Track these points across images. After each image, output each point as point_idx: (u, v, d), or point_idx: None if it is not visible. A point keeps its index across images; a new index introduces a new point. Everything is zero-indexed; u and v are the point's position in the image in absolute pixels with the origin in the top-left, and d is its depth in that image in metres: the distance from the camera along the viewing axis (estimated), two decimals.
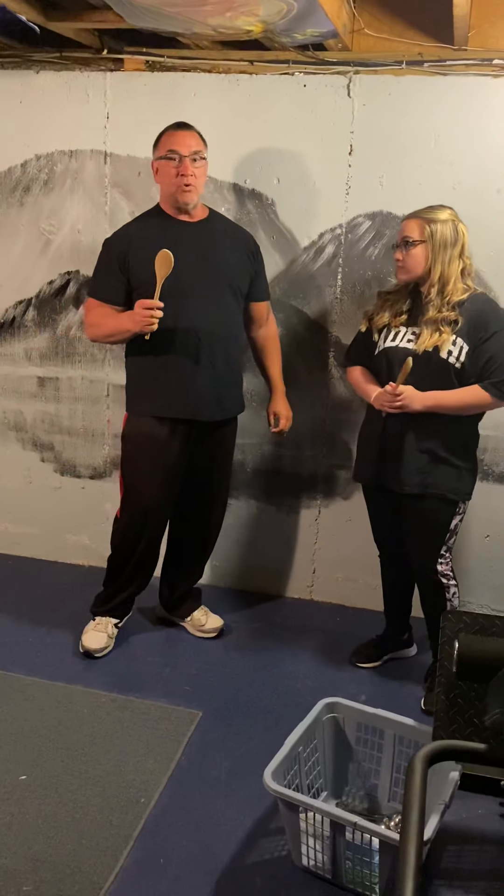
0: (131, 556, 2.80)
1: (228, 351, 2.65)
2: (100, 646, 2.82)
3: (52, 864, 1.95)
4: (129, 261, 2.53)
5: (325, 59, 2.77)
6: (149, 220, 2.61)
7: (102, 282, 2.62)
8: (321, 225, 2.95)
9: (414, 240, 2.39)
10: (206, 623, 3.03)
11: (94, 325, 2.63)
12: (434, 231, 2.37)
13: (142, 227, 2.60)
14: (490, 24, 2.63)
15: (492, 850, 2.09)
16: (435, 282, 2.40)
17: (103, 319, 2.59)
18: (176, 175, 2.47)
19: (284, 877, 1.97)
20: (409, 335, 2.47)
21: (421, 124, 2.75)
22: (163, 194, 2.58)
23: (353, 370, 2.66)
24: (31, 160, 3.15)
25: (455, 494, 2.52)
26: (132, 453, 2.71)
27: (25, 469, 3.52)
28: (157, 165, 2.53)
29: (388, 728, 2.14)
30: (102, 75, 2.99)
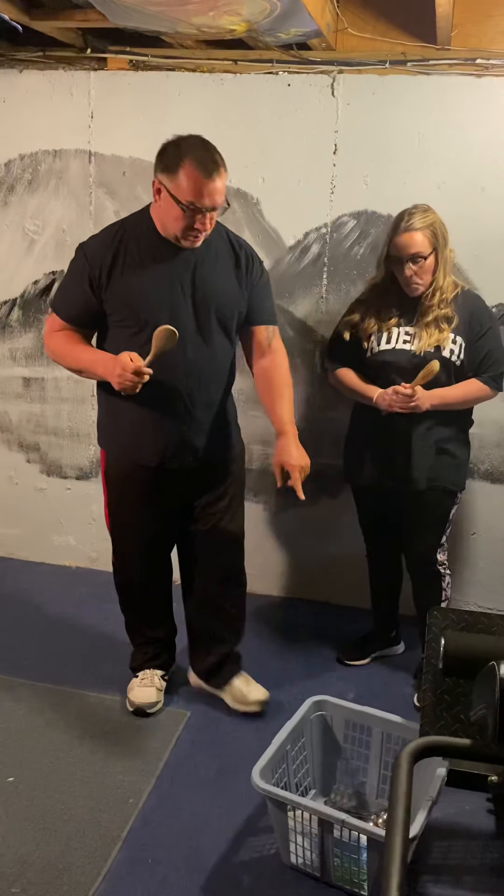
0: (138, 601, 2.58)
1: (212, 393, 2.31)
2: (150, 700, 2.51)
3: (40, 865, 1.95)
4: (106, 280, 2.16)
5: (309, 58, 2.78)
6: (138, 235, 2.18)
7: (70, 298, 2.23)
8: (306, 224, 2.95)
9: (426, 253, 2.37)
10: (247, 694, 2.54)
11: (57, 353, 2.26)
12: (437, 238, 2.37)
13: (129, 242, 2.17)
14: (473, 24, 2.64)
15: (479, 845, 2.11)
16: (439, 285, 2.41)
17: (69, 347, 2.23)
18: (189, 227, 2.07)
19: (273, 875, 1.97)
20: (403, 336, 2.47)
21: (405, 124, 2.76)
22: (157, 217, 2.15)
23: (340, 371, 2.63)
24: (14, 160, 3.13)
25: (456, 486, 2.58)
26: (111, 493, 2.44)
27: (11, 470, 3.50)
28: (166, 199, 2.05)
29: (375, 725, 2.15)
30: (86, 74, 2.98)
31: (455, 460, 2.56)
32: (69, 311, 2.23)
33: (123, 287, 2.16)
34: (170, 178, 2.02)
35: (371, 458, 2.60)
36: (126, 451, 2.33)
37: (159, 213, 2.13)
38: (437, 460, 2.52)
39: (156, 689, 2.55)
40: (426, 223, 2.36)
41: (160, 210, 2.11)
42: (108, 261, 2.15)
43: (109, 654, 2.84)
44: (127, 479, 2.36)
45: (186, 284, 2.18)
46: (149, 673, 2.58)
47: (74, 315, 2.23)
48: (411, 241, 2.36)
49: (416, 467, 2.51)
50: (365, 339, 2.54)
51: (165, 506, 2.41)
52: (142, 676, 2.58)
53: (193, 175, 1.99)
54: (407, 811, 1.06)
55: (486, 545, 3.09)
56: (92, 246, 2.20)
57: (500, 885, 1.98)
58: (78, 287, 2.19)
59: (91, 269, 2.15)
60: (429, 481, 2.52)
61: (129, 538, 2.46)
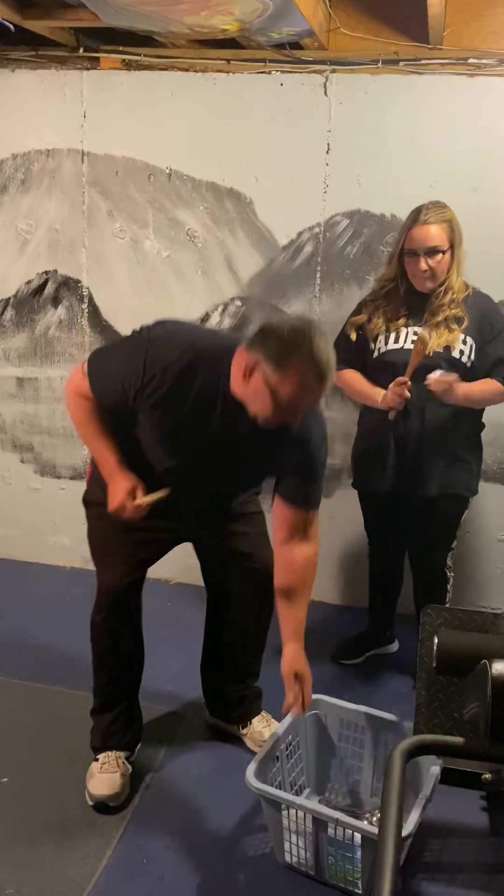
0: (105, 659, 2.24)
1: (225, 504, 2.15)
2: (113, 790, 2.12)
3: (34, 866, 1.94)
4: (149, 398, 1.83)
5: (302, 57, 2.78)
6: (207, 375, 1.82)
7: (108, 386, 1.88)
8: (299, 224, 2.95)
9: (443, 248, 2.33)
10: (267, 736, 2.21)
11: (76, 420, 1.98)
12: (454, 235, 2.34)
13: (195, 375, 1.82)
14: (465, 24, 2.65)
15: (473, 843, 2.11)
16: (452, 285, 2.37)
17: (90, 427, 1.96)
18: (278, 417, 1.75)
19: (267, 874, 1.97)
20: (411, 335, 2.42)
21: (397, 123, 2.77)
22: (240, 388, 1.79)
23: (346, 373, 2.55)
24: (7, 159, 3.13)
25: (469, 491, 2.56)
26: (93, 525, 2.17)
27: (5, 470, 3.50)
28: (259, 383, 1.71)
29: (369, 724, 2.15)
30: (79, 74, 2.97)
31: (467, 465, 2.52)
32: (101, 397, 1.91)
33: (162, 420, 1.87)
34: (272, 367, 1.68)
35: (381, 463, 2.52)
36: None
37: (243, 383, 1.76)
38: (449, 465, 2.47)
39: (120, 776, 2.16)
40: (444, 218, 2.33)
41: (246, 384, 1.76)
42: (164, 381, 1.80)
43: None
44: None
45: (229, 448, 1.89)
46: (112, 755, 2.20)
47: (108, 397, 1.90)
48: (429, 234, 2.32)
49: (427, 473, 2.46)
50: (372, 339, 2.49)
51: (161, 545, 2.20)
52: (103, 760, 2.19)
53: (303, 377, 1.68)
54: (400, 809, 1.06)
55: (479, 544, 3.09)
56: (157, 352, 1.82)
57: (495, 882, 1.98)
58: (119, 381, 1.85)
59: (142, 377, 1.81)
60: (441, 487, 2.48)
61: (110, 575, 2.17)
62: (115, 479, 1.93)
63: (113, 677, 2.25)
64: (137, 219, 3.07)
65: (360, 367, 2.54)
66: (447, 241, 2.33)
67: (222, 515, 2.19)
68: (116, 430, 1.97)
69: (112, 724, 2.24)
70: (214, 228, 3.02)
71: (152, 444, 1.95)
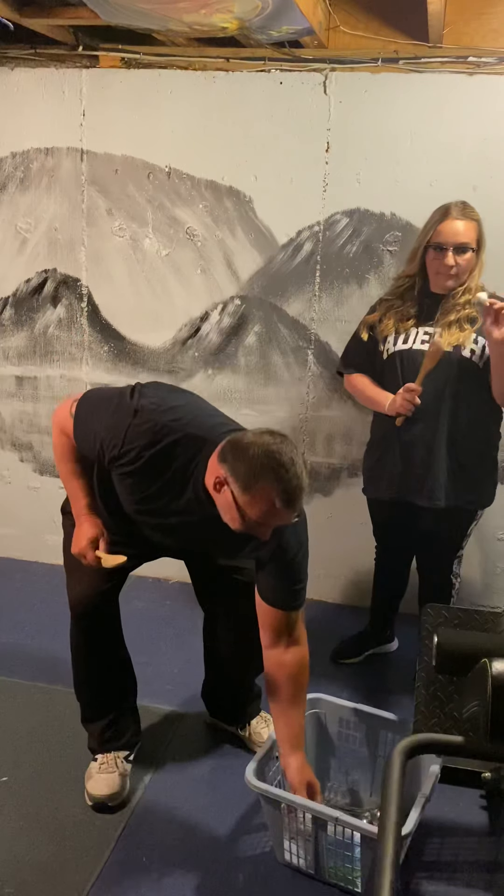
0: (84, 667, 2.23)
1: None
2: (112, 790, 2.12)
3: (33, 865, 1.94)
4: (124, 474, 1.84)
5: (302, 56, 2.77)
6: (183, 466, 1.80)
7: (89, 438, 1.88)
8: (299, 222, 2.95)
9: (472, 246, 2.28)
10: (266, 736, 2.22)
11: (57, 455, 2.03)
12: (480, 236, 2.30)
13: (170, 461, 1.80)
14: (464, 22, 2.64)
15: (473, 842, 2.11)
16: (470, 286, 2.32)
17: (68, 465, 2.01)
18: (247, 530, 1.73)
19: (267, 873, 1.97)
20: (422, 336, 2.37)
21: (397, 121, 2.76)
22: (216, 498, 1.75)
23: (355, 377, 2.54)
24: (6, 158, 3.12)
25: (478, 505, 2.50)
26: (69, 534, 2.13)
27: (4, 469, 3.49)
28: (228, 499, 1.69)
29: (369, 723, 2.15)
30: (78, 72, 2.97)
31: (479, 479, 2.46)
32: (80, 445, 1.93)
33: (132, 488, 1.87)
34: (241, 490, 1.66)
35: (389, 471, 2.49)
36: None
37: (215, 492, 1.74)
38: (458, 477, 2.41)
39: (119, 776, 2.15)
40: (474, 217, 2.30)
41: (217, 493, 1.73)
42: (139, 458, 1.78)
43: None
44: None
45: (199, 527, 1.87)
46: (110, 756, 2.19)
47: (83, 452, 1.95)
48: (459, 230, 2.27)
49: (435, 483, 2.40)
50: (381, 339, 2.45)
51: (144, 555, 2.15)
52: (101, 760, 2.18)
53: (271, 503, 1.65)
54: (400, 808, 1.06)
55: (480, 543, 3.09)
56: (138, 428, 1.79)
57: (494, 881, 1.98)
58: (98, 441, 1.84)
59: (119, 447, 1.80)
60: (448, 499, 2.41)
61: (80, 587, 2.19)
62: (82, 523, 1.98)
63: (95, 690, 2.23)
64: (137, 217, 3.06)
65: (369, 370, 2.51)
66: (475, 240, 2.29)
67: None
68: (93, 469, 2.00)
69: (105, 731, 2.23)
70: (214, 227, 3.02)
71: (125, 496, 1.93)
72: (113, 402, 1.86)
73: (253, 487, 1.64)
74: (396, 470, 2.47)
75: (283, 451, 1.65)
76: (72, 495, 2.02)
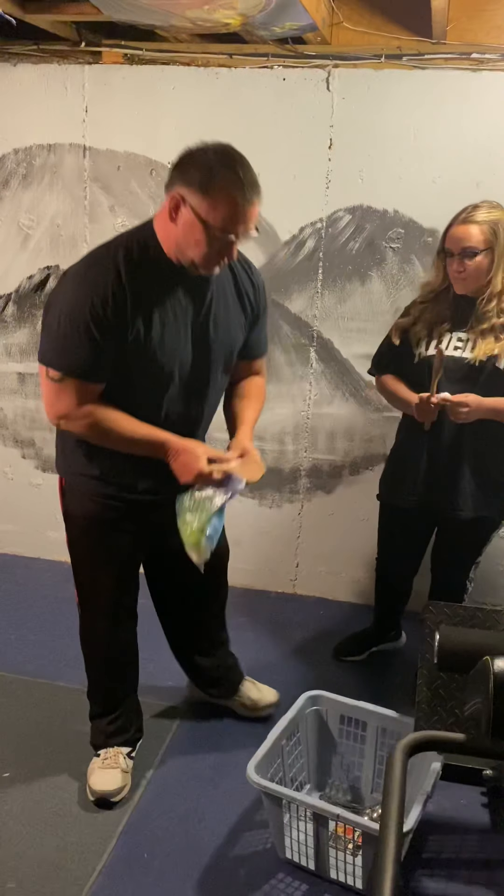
0: (110, 665, 2.25)
1: (204, 432, 2.08)
2: (115, 786, 2.14)
3: (35, 860, 1.95)
4: (125, 327, 1.75)
5: (304, 52, 2.77)
6: (141, 260, 1.77)
7: (87, 354, 1.75)
8: (302, 219, 2.95)
9: (479, 249, 2.21)
10: (258, 698, 2.46)
11: (97, 432, 1.84)
12: (497, 234, 2.22)
13: (131, 270, 1.75)
14: (468, 18, 2.63)
15: (474, 839, 2.11)
16: (496, 290, 2.25)
17: (113, 425, 1.82)
18: (214, 252, 1.72)
19: (268, 869, 1.98)
20: (455, 342, 2.32)
21: (400, 118, 2.76)
22: (171, 238, 1.75)
23: (385, 378, 2.50)
24: (9, 154, 3.12)
25: (503, 515, 2.46)
26: (79, 540, 2.12)
27: (6, 465, 3.50)
28: (189, 218, 1.68)
29: (370, 720, 2.15)
30: (80, 68, 2.96)
31: (503, 486, 2.40)
32: (82, 365, 1.76)
33: (132, 330, 1.76)
34: (199, 196, 1.65)
35: (412, 477, 2.44)
36: (103, 487, 1.98)
37: (172, 232, 1.73)
38: (484, 486, 2.36)
39: (121, 772, 2.17)
40: (487, 219, 2.22)
41: (174, 230, 1.72)
42: (115, 301, 1.72)
43: None
44: (99, 520, 2.04)
45: (198, 327, 1.86)
46: (112, 752, 2.21)
47: (88, 369, 1.77)
48: (465, 234, 2.21)
49: (459, 492, 2.36)
50: (414, 343, 2.38)
51: (147, 539, 2.13)
52: (104, 756, 2.20)
53: (233, 198, 1.65)
54: (401, 805, 1.06)
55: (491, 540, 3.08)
56: (89, 279, 1.74)
57: (495, 878, 1.98)
58: (89, 334, 1.73)
59: (101, 311, 1.71)
60: (474, 510, 2.37)
61: (101, 590, 2.15)
62: (181, 449, 1.84)
63: (113, 685, 2.26)
64: (139, 214, 3.06)
65: (399, 373, 2.46)
66: (485, 242, 2.21)
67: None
68: (117, 405, 1.85)
69: (111, 724, 2.25)
70: None
71: (148, 377, 1.84)
72: (53, 327, 1.76)
73: (213, 186, 1.64)
74: (420, 477, 2.43)
75: (233, 149, 1.70)
76: (147, 438, 1.84)
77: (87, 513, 2.03)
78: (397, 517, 2.62)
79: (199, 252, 1.72)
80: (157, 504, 1.97)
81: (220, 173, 1.65)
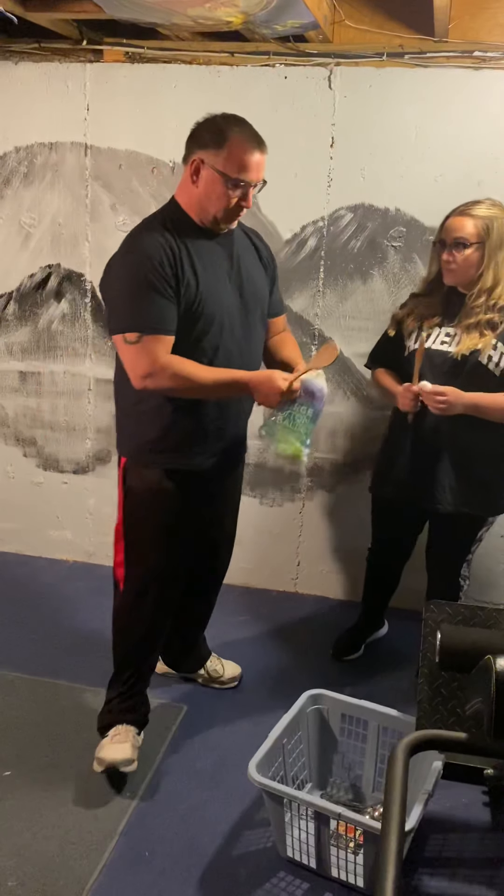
0: (145, 642, 2.32)
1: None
2: (125, 755, 2.17)
3: (37, 859, 1.95)
4: (180, 279, 1.95)
5: (306, 50, 2.76)
6: (179, 227, 2.00)
7: (157, 308, 1.93)
8: (303, 217, 2.94)
9: (470, 241, 2.23)
10: (223, 672, 2.66)
11: (179, 384, 1.96)
12: (490, 231, 2.23)
13: (176, 240, 1.97)
14: (470, 16, 2.63)
15: (475, 838, 2.11)
16: (486, 287, 2.26)
17: (193, 373, 1.96)
18: (232, 204, 1.96)
19: (269, 868, 1.98)
20: (442, 336, 2.35)
21: (402, 116, 2.75)
22: (194, 201, 2.00)
23: (377, 371, 2.54)
24: (10, 152, 3.12)
25: (486, 511, 2.46)
26: (138, 513, 2.18)
27: (7, 464, 3.50)
28: (209, 176, 1.94)
29: (371, 719, 2.15)
30: (82, 67, 2.96)
31: (490, 485, 2.41)
32: (162, 319, 1.94)
33: (185, 282, 1.96)
34: (216, 152, 1.92)
35: (397, 470, 2.48)
36: (175, 458, 2.11)
37: (196, 195, 1.98)
38: (466, 482, 2.38)
39: (131, 745, 2.20)
40: (482, 214, 2.24)
41: (197, 192, 1.97)
42: (173, 258, 1.94)
43: (105, 649, 2.82)
44: (162, 492, 2.14)
45: (234, 278, 2.09)
46: (122, 728, 2.25)
47: (167, 322, 1.95)
48: (459, 225, 2.24)
49: (441, 487, 2.38)
50: (406, 336, 2.42)
51: (193, 514, 2.23)
52: (113, 732, 2.24)
53: (243, 147, 1.92)
54: (402, 804, 1.06)
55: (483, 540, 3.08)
56: (150, 246, 1.95)
57: (496, 877, 1.98)
58: (159, 290, 1.92)
59: (168, 269, 1.93)
60: (455, 505, 2.39)
61: (156, 562, 2.21)
62: (261, 378, 2.01)
63: (141, 666, 2.32)
64: (141, 212, 3.04)
65: (394, 365, 2.48)
66: (477, 236, 2.23)
67: (241, 449, 2.34)
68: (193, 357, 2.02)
69: (123, 703, 2.30)
70: None
71: (205, 326, 2.02)
72: (118, 296, 1.99)
73: (226, 139, 1.92)
74: (404, 471, 2.45)
75: (237, 115, 1.99)
76: (226, 379, 2.01)
77: (150, 485, 2.13)
78: (385, 509, 2.68)
79: (220, 205, 1.97)
80: (209, 477, 2.18)
81: (229, 129, 1.93)
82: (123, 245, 2.02)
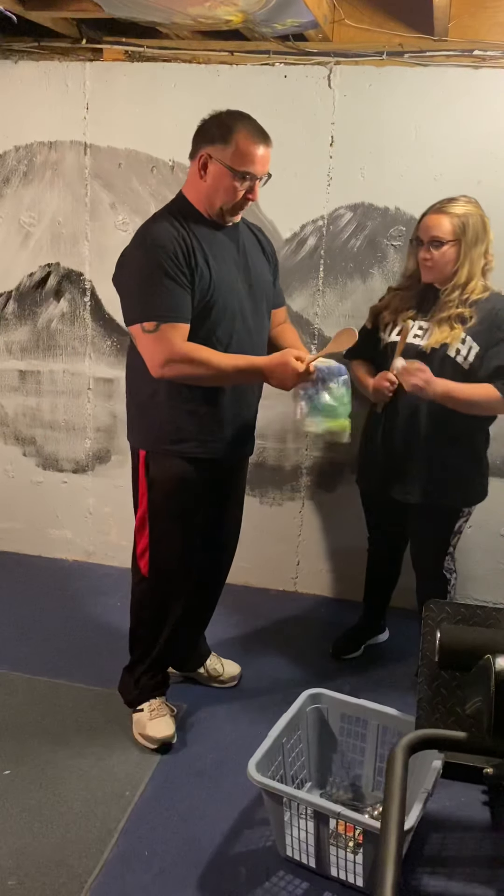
0: (164, 624, 2.37)
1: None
2: (171, 731, 2.34)
3: (36, 857, 1.95)
4: (193, 269, 2.02)
5: (306, 49, 2.76)
6: (188, 222, 2.07)
7: (173, 297, 1.99)
8: (303, 217, 2.94)
9: (446, 240, 2.27)
10: (222, 671, 2.67)
11: (198, 371, 2.01)
12: (466, 228, 2.26)
13: (187, 231, 2.05)
14: (470, 15, 2.63)
15: (475, 837, 2.11)
16: (460, 282, 2.30)
17: (212, 359, 2.01)
18: (239, 196, 2.04)
19: (269, 867, 1.98)
20: (416, 330, 2.39)
21: (402, 115, 2.75)
22: (202, 195, 2.07)
23: (353, 363, 2.55)
24: (10, 151, 3.12)
25: (462, 503, 2.48)
26: (164, 502, 2.24)
27: (7, 463, 3.50)
28: (217, 170, 2.01)
29: (371, 718, 2.15)
30: (82, 65, 2.96)
31: (464, 477, 2.44)
32: (179, 308, 2.00)
33: (198, 271, 2.03)
34: (222, 147, 2.00)
35: (372, 461, 2.54)
36: (193, 447, 2.17)
37: (204, 189, 2.06)
38: (439, 473, 2.40)
39: (170, 717, 2.37)
40: (458, 212, 2.27)
41: (204, 186, 2.05)
42: (187, 249, 2.01)
43: (105, 648, 2.84)
44: (182, 480, 2.20)
45: (242, 268, 2.17)
46: (156, 703, 2.39)
47: (184, 311, 2.01)
48: (435, 224, 2.28)
49: (410, 479, 2.42)
50: (382, 328, 2.48)
51: (207, 503, 2.30)
52: (150, 707, 2.37)
53: (249, 141, 2.00)
54: (402, 804, 1.06)
55: (482, 538, 3.09)
56: (164, 237, 2.01)
57: (496, 876, 1.98)
58: (176, 279, 1.99)
59: (182, 259, 2.00)
60: (425, 496, 2.42)
61: (178, 548, 2.29)
62: (274, 362, 2.04)
63: (174, 638, 2.40)
64: (140, 211, 3.05)
65: (368, 355, 2.53)
66: (452, 233, 2.27)
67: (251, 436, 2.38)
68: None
69: (153, 679, 2.41)
70: None
71: (217, 313, 2.08)
72: (134, 288, 2.05)
73: (232, 134, 1.99)
74: (379, 462, 2.51)
75: (241, 111, 2.06)
76: (241, 365, 2.06)
77: (173, 475, 2.20)
78: (369, 500, 2.75)
79: (228, 198, 2.04)
80: (225, 465, 2.28)
81: (235, 125, 2.01)
82: (136, 237, 2.09)
